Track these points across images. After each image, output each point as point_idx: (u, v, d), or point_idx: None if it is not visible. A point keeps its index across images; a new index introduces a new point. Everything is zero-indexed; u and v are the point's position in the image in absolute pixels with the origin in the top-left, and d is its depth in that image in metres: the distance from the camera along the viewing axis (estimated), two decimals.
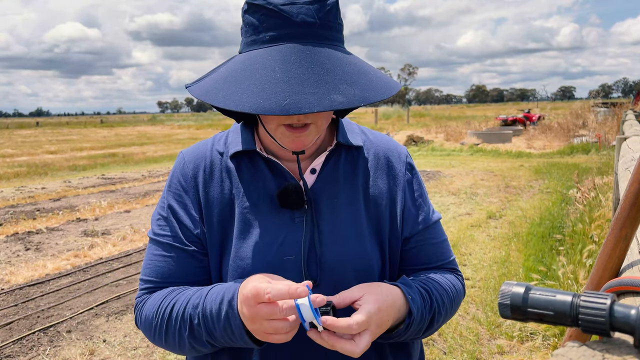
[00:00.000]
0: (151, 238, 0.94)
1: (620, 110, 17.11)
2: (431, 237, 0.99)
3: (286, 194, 0.89)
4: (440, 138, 19.55)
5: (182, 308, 0.83)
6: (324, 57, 0.78)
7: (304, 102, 0.71)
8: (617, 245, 0.81)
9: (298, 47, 0.78)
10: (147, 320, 0.88)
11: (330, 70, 0.76)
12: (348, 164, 0.96)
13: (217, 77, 0.82)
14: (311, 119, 0.84)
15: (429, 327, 0.90)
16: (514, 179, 10.14)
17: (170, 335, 0.85)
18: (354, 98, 0.74)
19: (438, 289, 0.92)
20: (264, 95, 0.72)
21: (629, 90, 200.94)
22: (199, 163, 0.95)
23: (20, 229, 6.92)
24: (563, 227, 5.82)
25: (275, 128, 0.85)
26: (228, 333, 0.79)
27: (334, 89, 0.74)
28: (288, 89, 0.72)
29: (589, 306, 0.43)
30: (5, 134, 39.95)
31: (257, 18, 0.80)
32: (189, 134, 33.49)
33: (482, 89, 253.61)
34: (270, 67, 0.76)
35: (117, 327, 3.73)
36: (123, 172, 13.61)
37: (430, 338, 3.35)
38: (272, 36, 0.79)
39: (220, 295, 0.80)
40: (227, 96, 0.75)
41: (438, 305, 0.90)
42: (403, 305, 0.84)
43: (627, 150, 2.81)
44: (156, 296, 0.89)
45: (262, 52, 0.79)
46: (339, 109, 0.93)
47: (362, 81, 0.78)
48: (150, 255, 0.93)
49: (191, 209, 0.92)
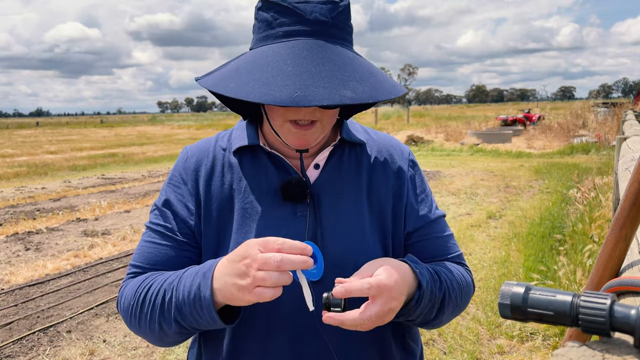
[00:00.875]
0: (146, 225, 0.96)
1: (620, 110, 17.11)
2: (435, 231, 0.99)
3: (289, 187, 0.90)
4: (440, 138, 19.55)
5: (158, 286, 0.84)
6: (335, 54, 0.79)
7: (315, 95, 0.72)
8: (617, 245, 0.81)
9: (310, 43, 0.79)
10: (126, 302, 0.89)
11: (341, 67, 0.77)
12: (351, 160, 0.97)
13: (228, 70, 0.83)
14: (318, 117, 0.85)
15: (440, 308, 0.88)
16: (514, 179, 10.14)
17: (143, 316, 0.85)
18: (363, 95, 0.75)
19: (447, 274, 0.91)
20: (275, 87, 0.73)
21: (629, 90, 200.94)
22: (201, 157, 0.96)
23: (20, 229, 6.92)
24: (563, 227, 5.83)
25: (282, 124, 0.86)
26: (196, 307, 0.78)
27: (343, 85, 0.75)
28: (299, 82, 0.73)
29: (589, 306, 0.43)
30: (5, 134, 39.96)
31: (271, 15, 0.82)
32: (189, 134, 33.49)
33: (482, 89, 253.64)
34: (282, 60, 0.77)
35: (117, 327, 3.73)
36: (123, 172, 13.61)
37: (430, 338, 3.35)
38: (285, 32, 0.81)
39: (197, 269, 0.81)
40: (238, 87, 0.76)
41: (448, 287, 0.89)
42: (413, 280, 0.83)
43: (627, 150, 2.81)
44: (137, 279, 0.90)
45: (275, 47, 0.80)
46: (345, 110, 0.93)
47: (371, 80, 0.79)
48: (142, 242, 0.94)
49: (188, 201, 0.93)
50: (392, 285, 0.75)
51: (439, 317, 0.90)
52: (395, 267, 0.79)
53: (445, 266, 0.94)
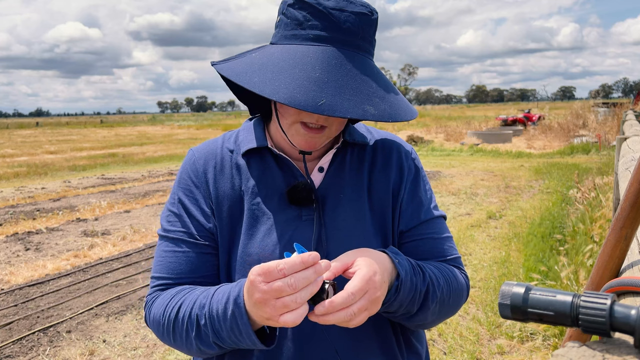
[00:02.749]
0: (161, 235, 0.94)
1: (621, 110, 17.12)
2: (431, 232, 0.97)
3: (296, 192, 0.90)
4: (440, 138, 19.56)
5: (189, 309, 0.82)
6: (362, 67, 0.80)
7: (339, 106, 0.73)
8: (618, 245, 0.81)
9: (340, 52, 0.80)
10: (155, 319, 0.88)
11: (366, 82, 0.78)
12: (354, 162, 0.97)
13: (251, 62, 0.82)
14: (329, 123, 0.85)
15: (423, 303, 0.86)
16: (514, 179, 10.14)
17: (177, 336, 0.84)
18: (384, 113, 0.77)
19: (433, 270, 0.89)
20: (301, 91, 0.73)
21: (629, 90, 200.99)
22: (209, 159, 0.96)
23: (20, 229, 6.92)
24: (563, 227, 5.83)
25: (291, 124, 0.86)
26: (235, 333, 0.77)
27: (367, 101, 0.76)
28: (326, 90, 0.74)
29: (589, 306, 0.43)
30: (5, 134, 39.96)
31: (303, 15, 0.81)
32: (189, 134, 33.49)
33: (482, 89, 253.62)
34: (310, 64, 0.77)
35: (117, 327, 3.73)
36: (123, 172, 13.61)
37: (430, 338, 3.35)
38: (315, 35, 0.80)
39: (227, 294, 0.79)
40: (264, 82, 0.76)
41: (432, 282, 0.86)
42: (392, 270, 0.81)
43: (627, 150, 2.81)
44: (164, 295, 0.88)
45: (304, 49, 0.80)
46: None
47: (391, 99, 0.81)
48: (160, 252, 0.92)
49: (202, 203, 0.93)
50: (372, 275, 0.74)
51: (423, 312, 0.87)
52: (374, 257, 0.78)
53: (433, 264, 0.92)
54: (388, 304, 0.81)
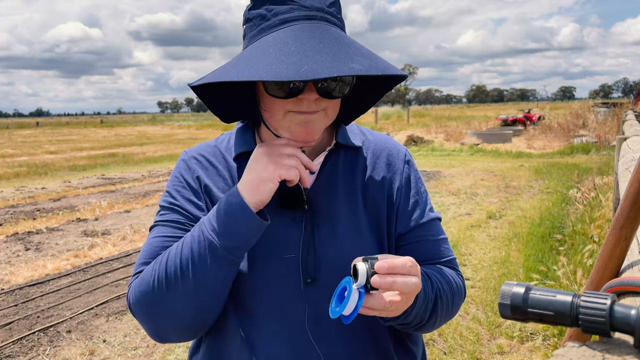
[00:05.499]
0: (151, 227, 0.93)
1: (621, 111, 17.11)
2: (427, 234, 0.96)
3: (287, 195, 0.89)
4: (440, 138, 19.55)
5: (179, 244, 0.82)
6: (337, 35, 0.78)
7: (322, 67, 0.70)
8: (617, 245, 0.82)
9: (310, 25, 0.78)
10: (143, 284, 0.83)
11: (345, 45, 0.76)
12: (347, 164, 0.96)
13: (224, 65, 0.81)
14: (323, 106, 0.83)
15: (433, 310, 0.86)
16: (514, 179, 10.14)
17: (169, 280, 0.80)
18: (371, 68, 0.73)
19: (437, 276, 0.90)
20: (280, 65, 0.71)
21: (629, 90, 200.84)
22: (202, 162, 0.96)
23: (20, 229, 6.92)
24: (563, 227, 5.83)
25: (283, 116, 0.84)
26: (228, 214, 0.78)
27: (350, 59, 0.73)
28: (304, 58, 0.71)
29: (589, 306, 0.43)
30: (5, 134, 39.95)
31: (265, 8, 0.81)
32: (189, 134, 33.49)
33: (482, 89, 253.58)
34: (283, 42, 0.75)
35: (117, 327, 3.73)
36: (123, 172, 13.61)
37: (430, 338, 3.35)
38: (282, 19, 0.79)
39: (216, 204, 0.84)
40: (241, 71, 0.74)
41: (439, 289, 0.87)
42: None
43: (627, 150, 2.82)
44: (149, 266, 0.86)
45: (273, 35, 0.78)
46: (345, 114, 0.92)
47: (374, 57, 0.78)
48: (149, 240, 0.90)
49: (194, 198, 0.93)
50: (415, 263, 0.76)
51: (432, 319, 0.88)
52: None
53: (435, 268, 0.93)
54: (406, 314, 0.81)
